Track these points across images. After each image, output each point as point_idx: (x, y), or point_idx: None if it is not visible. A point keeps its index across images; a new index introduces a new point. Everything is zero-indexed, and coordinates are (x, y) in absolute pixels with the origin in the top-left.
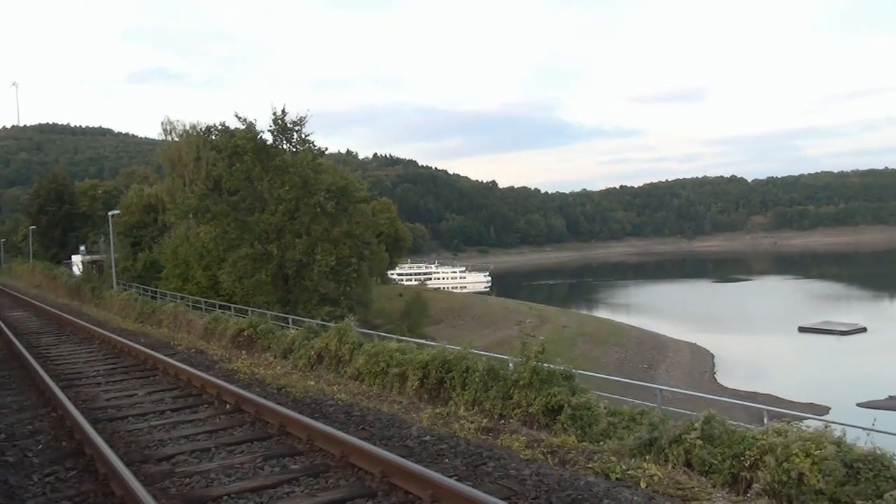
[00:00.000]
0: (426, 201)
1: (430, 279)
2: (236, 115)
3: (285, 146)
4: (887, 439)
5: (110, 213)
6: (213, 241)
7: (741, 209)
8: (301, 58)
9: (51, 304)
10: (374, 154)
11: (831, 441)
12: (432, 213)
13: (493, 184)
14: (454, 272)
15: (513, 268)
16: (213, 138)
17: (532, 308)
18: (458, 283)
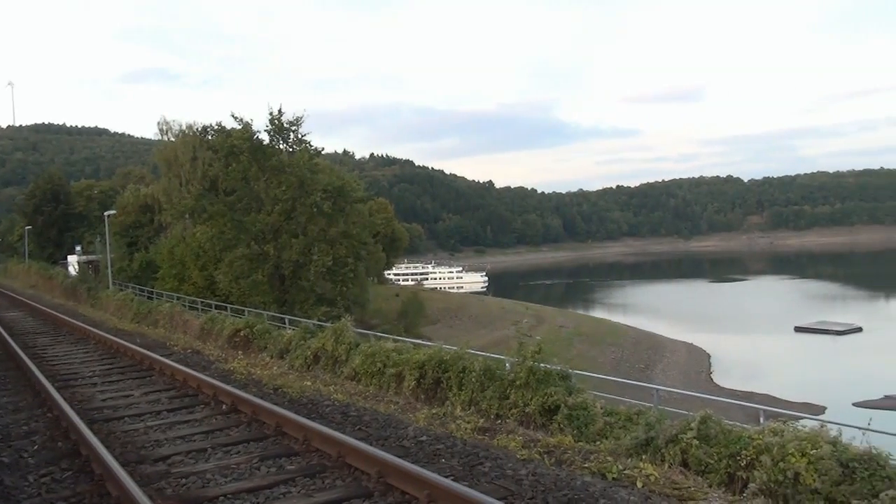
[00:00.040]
0: (423, 201)
1: (427, 279)
2: (233, 116)
3: (282, 146)
4: (883, 439)
5: (106, 214)
6: (209, 241)
7: (737, 209)
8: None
9: (47, 305)
10: (371, 154)
11: (827, 441)
12: (429, 213)
13: (490, 184)
14: (451, 272)
15: (509, 268)
16: (210, 138)
17: (529, 308)
18: (454, 283)
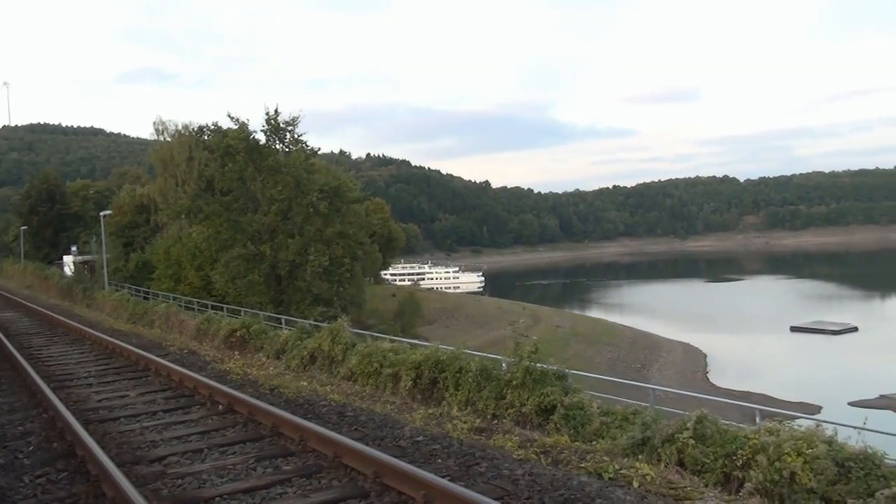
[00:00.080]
0: (419, 201)
1: (424, 279)
2: (229, 115)
3: (278, 146)
4: (878, 438)
5: (102, 214)
6: (205, 241)
7: (733, 209)
8: (294, 58)
9: (42, 305)
10: (368, 154)
11: (823, 440)
12: (425, 213)
13: (487, 184)
14: (447, 272)
15: (506, 268)
16: (206, 138)
17: (525, 308)
18: (451, 284)
